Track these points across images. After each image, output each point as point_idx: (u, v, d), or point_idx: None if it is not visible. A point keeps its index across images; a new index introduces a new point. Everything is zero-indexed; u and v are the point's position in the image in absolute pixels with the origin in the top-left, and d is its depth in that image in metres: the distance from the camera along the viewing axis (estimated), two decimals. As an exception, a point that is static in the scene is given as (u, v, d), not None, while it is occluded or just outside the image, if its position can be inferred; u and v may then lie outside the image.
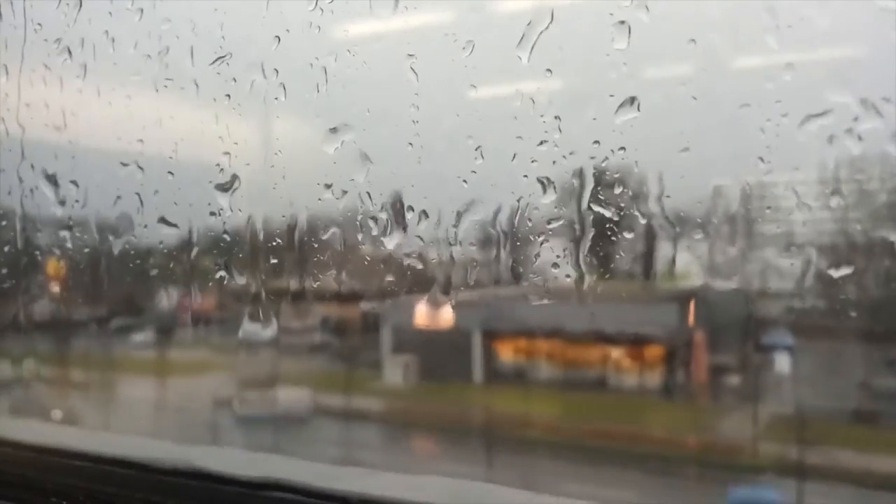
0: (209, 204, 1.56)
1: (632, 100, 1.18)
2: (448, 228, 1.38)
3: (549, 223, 1.31)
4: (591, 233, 1.31)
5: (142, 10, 1.58)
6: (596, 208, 1.29)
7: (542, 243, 1.37)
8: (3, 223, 1.83)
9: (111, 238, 1.71)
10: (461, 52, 1.29)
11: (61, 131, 1.70)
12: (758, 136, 1.12)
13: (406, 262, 1.44)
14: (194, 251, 1.64)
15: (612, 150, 1.24)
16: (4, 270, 1.96)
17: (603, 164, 1.30)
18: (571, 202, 1.31)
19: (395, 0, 1.31)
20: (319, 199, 1.46)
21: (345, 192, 1.42)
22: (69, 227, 1.77)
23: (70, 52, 1.67)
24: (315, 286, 1.60)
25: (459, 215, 1.35)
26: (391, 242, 1.43)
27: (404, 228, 1.40)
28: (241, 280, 1.66)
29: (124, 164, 1.64)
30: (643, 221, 1.26)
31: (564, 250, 1.35)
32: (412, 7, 1.32)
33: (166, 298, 1.87)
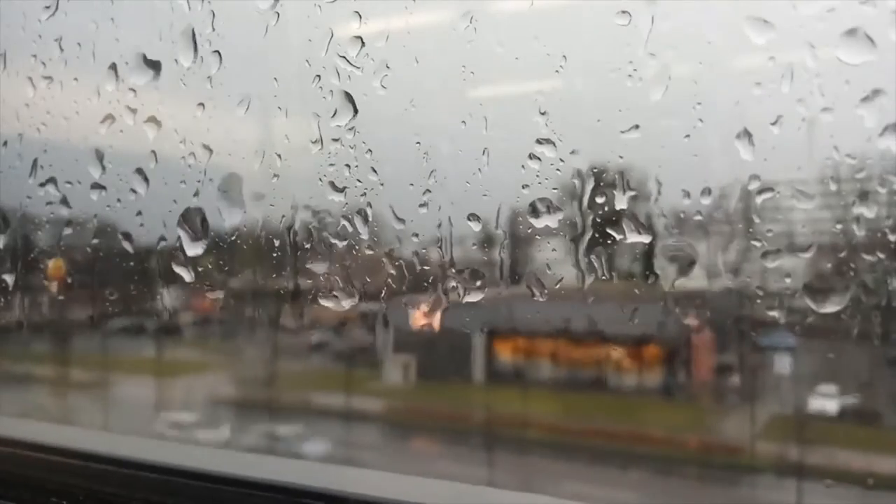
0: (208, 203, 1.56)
1: (633, 100, 1.18)
2: (448, 228, 1.38)
3: (549, 223, 1.31)
4: (590, 233, 1.31)
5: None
6: (596, 208, 1.29)
7: (541, 243, 1.37)
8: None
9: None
10: (462, 51, 1.29)
11: (51, 130, 1.71)
12: (758, 135, 1.12)
13: (406, 261, 1.44)
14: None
15: (613, 150, 1.24)
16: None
17: (603, 164, 1.30)
18: (572, 202, 1.31)
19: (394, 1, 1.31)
20: (320, 200, 1.46)
21: (343, 190, 1.43)
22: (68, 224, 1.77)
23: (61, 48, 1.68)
24: (314, 286, 1.60)
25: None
26: (390, 242, 1.43)
27: (403, 228, 1.40)
28: (239, 280, 1.66)
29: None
30: (643, 221, 1.26)
31: (565, 250, 1.35)
32: (413, 6, 1.32)
33: (165, 298, 1.87)
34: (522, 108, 1.27)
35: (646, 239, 1.26)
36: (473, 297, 1.39)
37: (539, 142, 1.27)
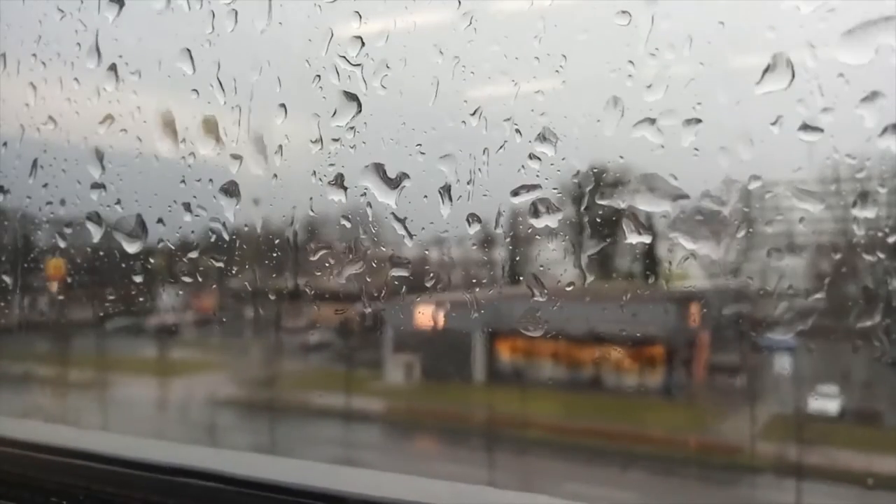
0: (210, 205, 1.56)
1: (633, 100, 1.18)
2: (449, 228, 1.38)
3: (549, 223, 1.31)
4: (590, 232, 1.31)
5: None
6: (596, 208, 1.29)
7: (541, 243, 1.37)
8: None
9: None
10: (462, 51, 1.29)
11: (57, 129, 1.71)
12: (758, 135, 1.12)
13: (406, 262, 1.44)
14: (194, 251, 1.64)
15: (613, 150, 1.24)
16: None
17: (603, 164, 1.30)
18: (572, 202, 1.31)
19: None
20: (319, 200, 1.46)
21: (344, 189, 1.43)
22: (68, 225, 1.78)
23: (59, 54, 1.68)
24: (314, 286, 1.60)
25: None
26: (390, 242, 1.43)
27: (405, 228, 1.40)
28: (240, 281, 1.66)
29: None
30: (643, 221, 1.26)
31: (565, 250, 1.35)
32: (413, 6, 1.32)
33: (165, 298, 1.88)
34: (522, 108, 1.27)
35: (646, 239, 1.26)
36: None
37: (539, 141, 1.27)
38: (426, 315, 1.68)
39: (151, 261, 1.75)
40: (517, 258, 1.40)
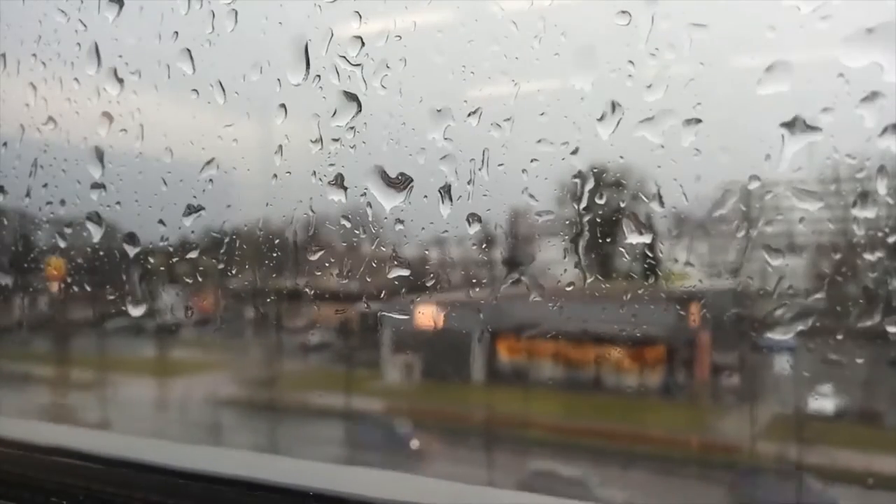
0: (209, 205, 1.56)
1: (634, 100, 1.18)
2: (449, 228, 1.38)
3: (549, 223, 1.31)
4: (590, 233, 1.31)
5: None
6: (596, 208, 1.29)
7: (541, 243, 1.37)
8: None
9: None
10: (462, 51, 1.29)
11: (57, 129, 1.71)
12: (758, 135, 1.12)
13: (406, 262, 1.44)
14: (193, 251, 1.64)
15: (613, 150, 1.24)
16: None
17: (603, 164, 1.30)
18: (571, 202, 1.31)
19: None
20: (319, 200, 1.46)
21: (344, 189, 1.42)
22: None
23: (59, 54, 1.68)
24: (314, 286, 1.60)
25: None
26: (391, 242, 1.43)
27: (405, 228, 1.40)
28: (239, 281, 1.66)
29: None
30: (643, 221, 1.26)
31: (565, 250, 1.35)
32: (413, 6, 1.32)
33: (164, 297, 1.88)
34: (522, 108, 1.27)
35: (646, 239, 1.26)
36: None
37: (539, 142, 1.27)
38: (426, 315, 1.68)
39: (151, 260, 1.75)
40: (516, 258, 1.40)
